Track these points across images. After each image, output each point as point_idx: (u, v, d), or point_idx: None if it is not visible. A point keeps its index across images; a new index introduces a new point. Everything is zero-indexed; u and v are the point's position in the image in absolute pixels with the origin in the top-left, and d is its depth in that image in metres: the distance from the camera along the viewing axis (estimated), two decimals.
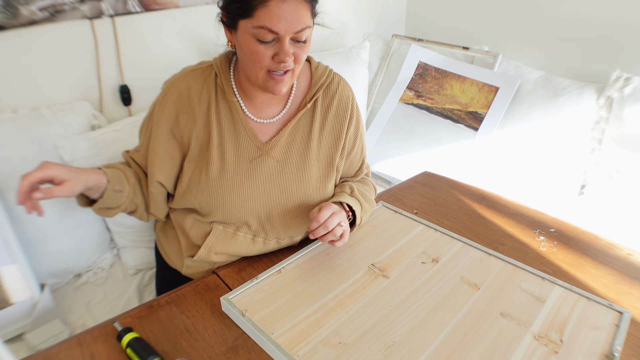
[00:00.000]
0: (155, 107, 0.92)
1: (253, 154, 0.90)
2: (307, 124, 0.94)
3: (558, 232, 1.06)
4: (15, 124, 1.21)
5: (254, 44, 0.77)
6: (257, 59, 0.78)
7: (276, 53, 0.78)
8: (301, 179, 0.93)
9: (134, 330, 0.74)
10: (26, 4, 1.23)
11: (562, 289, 0.85)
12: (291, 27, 0.75)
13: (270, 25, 0.74)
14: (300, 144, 0.93)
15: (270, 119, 0.92)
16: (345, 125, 0.97)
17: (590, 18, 1.74)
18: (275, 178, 0.91)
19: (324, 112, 0.95)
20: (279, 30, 0.75)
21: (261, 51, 0.77)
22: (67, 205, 1.29)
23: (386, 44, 2.24)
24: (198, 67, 0.92)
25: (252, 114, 0.91)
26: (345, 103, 0.97)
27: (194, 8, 1.59)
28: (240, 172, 0.89)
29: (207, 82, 0.89)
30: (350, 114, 0.97)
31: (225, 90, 0.89)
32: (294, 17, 0.75)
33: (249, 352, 0.72)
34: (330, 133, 0.96)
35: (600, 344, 0.73)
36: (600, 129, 1.60)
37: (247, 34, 0.77)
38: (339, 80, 0.98)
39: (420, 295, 0.82)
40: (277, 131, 0.93)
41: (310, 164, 0.94)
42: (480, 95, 1.87)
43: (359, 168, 1.06)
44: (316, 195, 0.96)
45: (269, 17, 0.74)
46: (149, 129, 0.92)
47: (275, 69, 0.79)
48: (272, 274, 0.87)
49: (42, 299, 1.15)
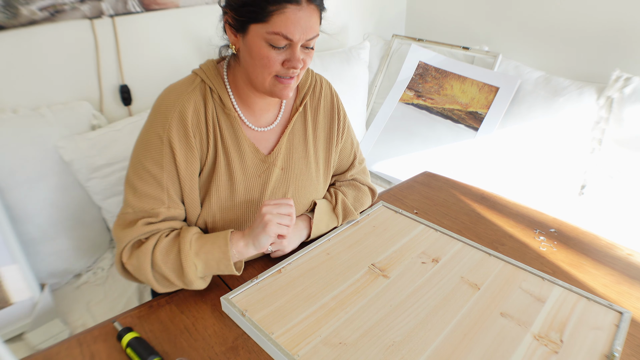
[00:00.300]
0: (164, 154, 0.80)
1: (260, 169, 0.89)
2: (301, 128, 0.96)
3: (558, 232, 1.06)
4: (15, 124, 1.21)
5: (266, 49, 0.76)
6: (267, 64, 0.77)
7: (287, 59, 0.77)
8: (305, 182, 0.95)
9: (134, 330, 0.74)
10: (26, 4, 1.23)
11: (562, 289, 0.85)
12: (305, 34, 0.75)
13: (285, 32, 0.74)
14: (299, 148, 0.95)
15: (268, 126, 0.92)
16: (335, 123, 1.00)
17: (590, 18, 1.74)
18: (281, 186, 0.93)
19: (314, 114, 0.97)
20: (293, 37, 0.74)
21: (272, 57, 0.76)
22: (67, 206, 1.29)
23: (386, 44, 2.24)
24: (187, 86, 0.83)
25: (251, 123, 0.89)
26: (330, 102, 1.00)
27: (194, 8, 1.60)
28: (250, 188, 0.89)
29: (204, 101, 0.83)
30: (337, 112, 1.00)
31: (224, 104, 0.85)
32: (308, 24, 0.75)
33: (249, 352, 0.72)
34: (323, 133, 0.99)
35: (600, 344, 0.73)
36: (601, 129, 1.60)
37: (259, 38, 0.76)
38: (321, 80, 1.00)
39: (420, 295, 0.82)
40: (276, 139, 0.93)
41: (311, 166, 0.96)
42: (481, 95, 1.87)
43: (351, 163, 1.08)
44: (320, 195, 1.00)
45: (284, 24, 0.73)
46: (165, 175, 0.80)
47: (284, 74, 0.79)
48: (272, 273, 0.87)
49: (42, 299, 1.15)
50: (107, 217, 1.39)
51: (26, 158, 1.20)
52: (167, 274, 0.78)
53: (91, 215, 1.37)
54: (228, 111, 0.85)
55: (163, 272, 0.78)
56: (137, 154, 0.82)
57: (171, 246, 0.79)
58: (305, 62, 0.80)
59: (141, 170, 0.81)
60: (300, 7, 0.74)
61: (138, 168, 0.82)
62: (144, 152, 0.81)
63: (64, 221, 1.29)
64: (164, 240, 0.79)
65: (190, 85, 0.84)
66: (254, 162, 0.89)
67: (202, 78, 0.85)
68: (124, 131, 1.36)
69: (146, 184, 0.80)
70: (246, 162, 0.88)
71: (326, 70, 1.92)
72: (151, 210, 0.80)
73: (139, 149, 0.83)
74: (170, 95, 0.83)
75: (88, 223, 1.36)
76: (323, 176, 1.00)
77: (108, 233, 1.45)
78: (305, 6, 0.74)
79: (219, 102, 0.85)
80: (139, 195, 0.81)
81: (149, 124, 0.83)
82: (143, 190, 0.80)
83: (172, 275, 0.78)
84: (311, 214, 0.98)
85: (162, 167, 0.80)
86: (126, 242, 0.79)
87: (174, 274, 0.78)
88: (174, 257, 0.78)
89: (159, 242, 0.79)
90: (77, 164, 1.26)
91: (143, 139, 0.83)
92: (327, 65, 1.94)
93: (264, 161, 0.89)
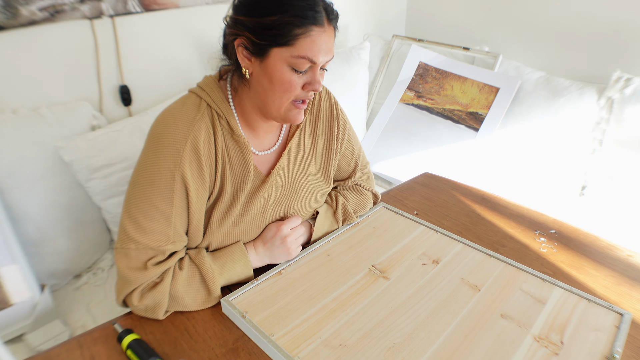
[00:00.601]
0: (175, 191, 0.75)
1: (261, 190, 0.87)
2: (300, 144, 0.93)
3: (559, 233, 1.06)
4: (15, 124, 1.21)
5: (288, 73, 0.74)
6: (289, 88, 0.75)
7: (308, 82, 0.76)
8: (306, 196, 0.94)
9: (134, 331, 0.74)
10: (26, 4, 1.22)
11: (563, 291, 0.85)
12: (327, 56, 0.75)
13: (311, 56, 0.73)
14: (297, 163, 0.93)
15: (270, 148, 0.90)
16: (334, 132, 0.97)
17: (591, 19, 1.74)
18: (283, 202, 0.91)
19: (313, 128, 0.95)
20: (318, 60, 0.74)
21: (294, 81, 0.75)
22: (67, 206, 1.29)
23: (386, 45, 2.24)
24: (195, 112, 0.78)
25: (255, 148, 0.87)
26: (330, 111, 0.97)
27: (194, 8, 1.59)
28: (251, 209, 0.86)
29: (213, 129, 0.79)
30: (337, 121, 0.97)
31: (233, 130, 0.81)
32: (329, 46, 0.75)
33: (249, 353, 0.72)
34: (322, 144, 0.97)
35: (600, 346, 0.73)
36: (601, 130, 1.60)
37: (282, 62, 0.73)
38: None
39: (420, 296, 0.82)
40: (275, 158, 0.91)
41: (311, 179, 0.95)
42: (481, 96, 1.87)
43: (352, 171, 1.06)
44: (321, 203, 1.00)
45: (310, 47, 0.72)
46: (174, 211, 0.76)
47: (304, 97, 0.78)
48: (272, 275, 0.87)
49: (42, 300, 1.15)
50: (107, 218, 1.39)
51: (26, 158, 1.20)
52: (187, 302, 0.78)
53: (91, 215, 1.37)
54: (237, 137, 0.82)
55: (183, 302, 0.78)
56: (142, 189, 0.75)
57: (191, 276, 0.79)
58: (320, 84, 0.79)
59: (147, 206, 0.74)
60: (323, 30, 0.73)
61: (143, 203, 0.75)
62: (150, 187, 0.74)
63: (64, 222, 1.28)
64: (181, 273, 0.78)
65: (197, 112, 0.78)
66: (255, 184, 0.87)
67: (208, 102, 0.80)
68: (124, 131, 1.36)
69: (152, 221, 0.75)
70: (252, 186, 0.86)
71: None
72: (157, 247, 0.75)
73: (145, 184, 0.75)
74: (177, 124, 0.76)
75: (88, 224, 1.36)
76: (324, 186, 0.99)
77: (108, 234, 1.45)
78: (327, 28, 0.74)
79: (227, 129, 0.81)
80: (142, 231, 0.74)
81: (155, 156, 0.75)
82: (148, 227, 0.74)
83: (192, 304, 0.79)
84: (312, 221, 0.98)
85: (172, 204, 0.75)
86: (137, 285, 0.75)
87: (195, 302, 0.79)
88: (197, 285, 0.79)
89: (175, 277, 0.77)
90: (77, 164, 1.26)
91: (149, 173, 0.75)
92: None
93: (264, 181, 0.87)
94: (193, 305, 0.80)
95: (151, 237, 0.75)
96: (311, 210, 0.97)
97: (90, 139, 1.29)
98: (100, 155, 1.29)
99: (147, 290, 0.76)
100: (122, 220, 0.76)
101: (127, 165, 1.34)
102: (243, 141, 0.82)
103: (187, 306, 0.79)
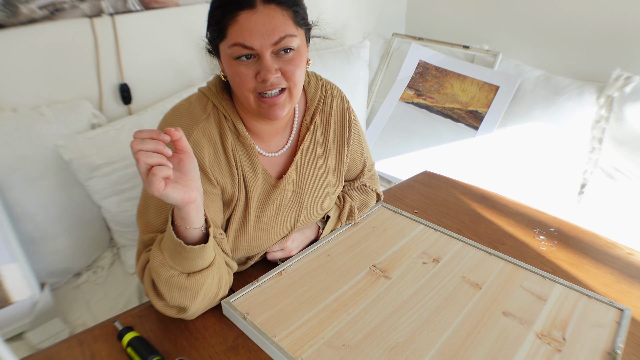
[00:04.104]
0: None
1: (272, 195, 0.86)
2: (311, 147, 0.92)
3: (558, 231, 1.06)
4: (15, 122, 1.21)
5: (235, 65, 0.71)
6: (241, 81, 0.72)
7: (258, 71, 0.71)
8: (318, 199, 0.94)
9: (134, 329, 0.74)
10: (26, 3, 1.22)
11: (563, 287, 0.85)
12: (267, 38, 0.69)
13: (242, 40, 0.68)
14: (309, 167, 0.91)
15: (279, 150, 0.88)
16: (346, 134, 0.96)
17: (590, 17, 1.74)
18: (294, 206, 0.90)
19: (324, 129, 0.93)
20: (252, 44, 0.68)
21: (242, 71, 0.71)
22: (67, 204, 1.29)
23: (386, 43, 2.24)
24: (201, 112, 0.78)
25: (262, 149, 0.85)
26: (342, 113, 0.95)
27: (194, 6, 1.59)
28: (263, 213, 0.86)
29: (219, 131, 0.79)
30: (348, 121, 0.96)
31: (239, 132, 0.80)
32: (268, 27, 0.68)
33: (249, 351, 0.72)
34: (334, 146, 0.95)
35: (602, 342, 0.73)
36: (601, 128, 1.60)
37: (227, 56, 0.72)
38: (332, 89, 0.94)
39: (422, 295, 0.82)
40: (286, 161, 0.89)
41: (322, 182, 0.94)
42: (481, 94, 1.87)
43: (360, 171, 1.05)
44: (331, 205, 1.00)
45: (239, 32, 0.68)
46: None
47: (261, 89, 0.72)
48: (272, 276, 0.87)
49: (42, 298, 1.15)
50: (106, 216, 1.39)
51: (26, 157, 1.20)
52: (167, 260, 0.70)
53: (91, 214, 1.36)
54: (243, 140, 0.81)
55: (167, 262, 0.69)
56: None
57: (154, 251, 0.71)
58: (287, 72, 0.73)
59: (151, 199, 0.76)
60: (254, 11, 0.68)
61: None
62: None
63: (63, 220, 1.28)
64: (149, 254, 0.73)
65: (203, 112, 0.78)
66: (266, 189, 0.86)
67: (215, 103, 0.80)
68: (124, 130, 1.36)
69: (159, 214, 0.75)
70: (263, 190, 0.85)
71: (326, 69, 1.92)
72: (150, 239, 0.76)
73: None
74: (183, 122, 0.77)
75: (88, 222, 1.36)
76: (334, 189, 0.98)
77: (108, 232, 1.45)
78: (262, 8, 0.68)
79: (233, 130, 0.80)
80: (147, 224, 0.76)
81: None
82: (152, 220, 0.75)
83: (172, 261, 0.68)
84: (320, 223, 0.99)
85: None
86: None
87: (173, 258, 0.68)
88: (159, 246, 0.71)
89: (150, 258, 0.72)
90: (77, 162, 1.26)
91: None
92: (327, 64, 1.94)
93: (276, 186, 0.86)
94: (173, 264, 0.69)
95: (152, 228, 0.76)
96: (322, 213, 0.97)
97: (90, 137, 1.29)
98: (100, 154, 1.29)
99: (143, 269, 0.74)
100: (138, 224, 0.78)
101: (127, 164, 1.33)
102: (249, 143, 0.82)
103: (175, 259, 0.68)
